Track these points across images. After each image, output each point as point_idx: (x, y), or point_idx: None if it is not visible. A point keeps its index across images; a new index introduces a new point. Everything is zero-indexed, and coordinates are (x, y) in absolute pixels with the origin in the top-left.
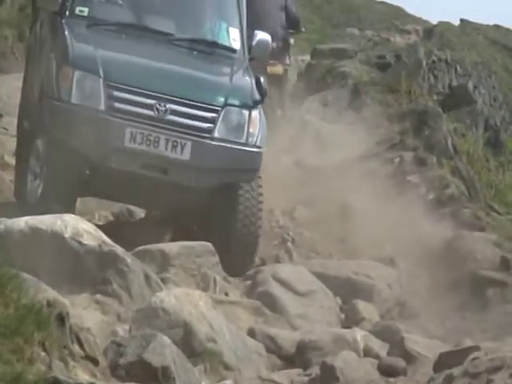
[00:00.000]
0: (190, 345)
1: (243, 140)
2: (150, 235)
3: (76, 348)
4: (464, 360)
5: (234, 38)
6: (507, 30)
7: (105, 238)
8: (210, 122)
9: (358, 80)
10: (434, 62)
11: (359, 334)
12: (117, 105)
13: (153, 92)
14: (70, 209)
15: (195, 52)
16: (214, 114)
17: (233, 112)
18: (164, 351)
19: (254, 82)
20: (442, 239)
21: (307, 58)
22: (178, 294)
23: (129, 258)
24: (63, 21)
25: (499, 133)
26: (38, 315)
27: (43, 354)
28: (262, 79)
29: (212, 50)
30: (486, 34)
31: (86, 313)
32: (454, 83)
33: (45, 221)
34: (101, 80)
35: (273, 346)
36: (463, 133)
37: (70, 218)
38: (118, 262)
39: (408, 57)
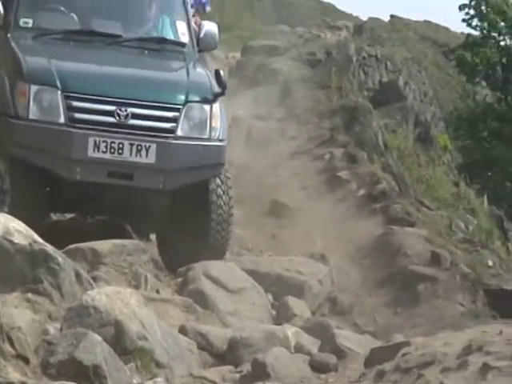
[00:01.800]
0: (121, 343)
1: (206, 135)
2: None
3: (7, 347)
4: (395, 355)
5: (181, 31)
6: (437, 25)
7: (36, 237)
8: (173, 122)
9: (288, 77)
10: (364, 58)
11: (290, 331)
12: (77, 115)
13: (112, 98)
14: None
15: (146, 51)
16: (175, 113)
17: (194, 108)
18: (95, 349)
19: (210, 75)
20: (372, 235)
21: (238, 54)
22: (109, 293)
23: (60, 256)
24: (8, 35)
25: (429, 128)
26: None
27: None
28: (221, 72)
29: (162, 47)
30: (416, 29)
31: (16, 311)
32: (385, 79)
33: None
34: (59, 92)
35: (204, 343)
36: (394, 129)
37: (0, 217)
38: (48, 260)
39: (338, 53)
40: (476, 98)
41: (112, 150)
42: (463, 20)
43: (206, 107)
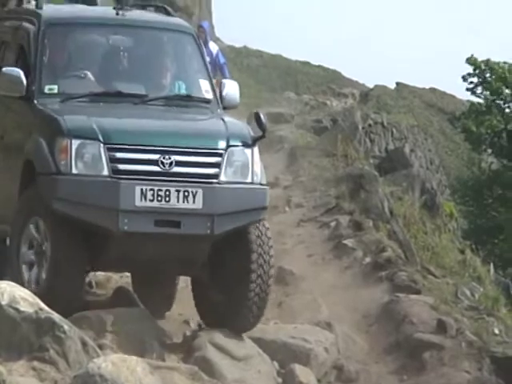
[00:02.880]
0: None
1: (249, 179)
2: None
3: None
4: None
5: (205, 89)
6: (443, 93)
7: (42, 304)
8: (216, 167)
9: (294, 144)
10: (370, 125)
11: None
12: (121, 166)
13: (155, 147)
14: (80, 289)
15: (174, 107)
16: (218, 158)
17: (236, 153)
18: None
19: (244, 122)
20: (378, 303)
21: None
22: (115, 360)
23: (66, 324)
24: (35, 101)
25: (435, 196)
26: None
27: None
28: (261, 114)
29: (188, 104)
30: (421, 97)
31: (23, 380)
32: (391, 146)
33: None
34: (101, 144)
35: None
36: (400, 196)
37: (6, 285)
38: (55, 328)
39: (344, 120)
40: (481, 166)
41: (159, 198)
42: (467, 89)
43: (247, 151)
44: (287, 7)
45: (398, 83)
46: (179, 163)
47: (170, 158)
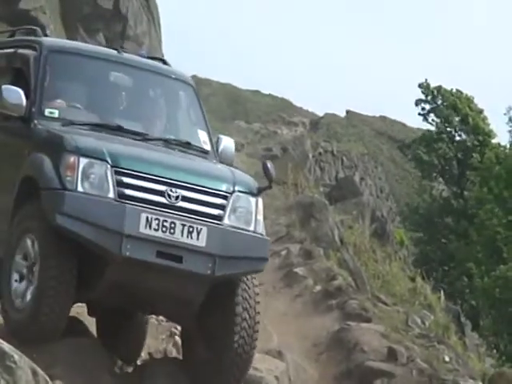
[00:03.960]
0: None
1: (252, 228)
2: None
3: None
4: None
5: (203, 140)
6: (393, 121)
7: None
8: (220, 209)
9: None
10: (320, 153)
11: None
12: (127, 191)
13: (162, 178)
14: (65, 316)
15: (177, 150)
16: (223, 201)
17: (241, 198)
18: None
19: (243, 172)
20: (329, 331)
21: None
22: None
23: (16, 354)
24: (35, 121)
25: (386, 224)
26: None
27: None
28: (269, 164)
29: (187, 150)
30: (372, 125)
31: None
32: (341, 175)
33: None
34: (108, 166)
35: None
36: (350, 224)
37: None
38: (5, 358)
39: (294, 149)
40: (432, 193)
41: (164, 229)
42: (419, 114)
43: (252, 200)
44: (236, 36)
45: (347, 111)
46: (185, 198)
47: (176, 192)
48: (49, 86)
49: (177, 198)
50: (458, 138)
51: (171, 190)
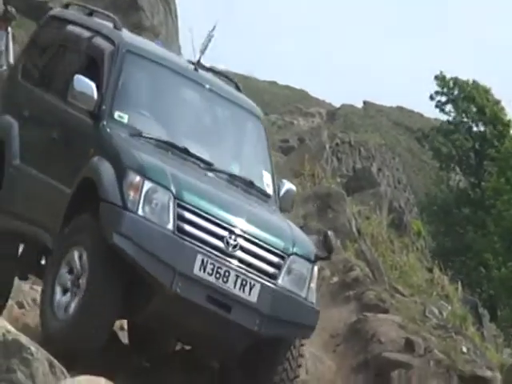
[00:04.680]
0: None
1: (304, 294)
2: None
3: None
4: None
5: (267, 183)
6: (410, 111)
7: (9, 326)
8: (276, 268)
9: None
10: (337, 144)
11: None
12: (186, 227)
13: (225, 223)
14: (106, 331)
15: (239, 189)
16: (280, 260)
17: (297, 262)
18: None
19: (302, 232)
20: (346, 322)
21: None
22: (84, 381)
23: (33, 346)
24: (104, 123)
25: (403, 214)
26: None
27: None
28: (330, 234)
29: (249, 191)
30: (389, 115)
31: None
32: (358, 166)
33: None
34: (172, 196)
35: None
36: (367, 215)
37: None
38: (22, 350)
39: (311, 140)
40: (449, 184)
41: (217, 275)
42: (436, 106)
43: (308, 266)
44: (254, 26)
45: (365, 102)
46: (243, 249)
47: (236, 241)
48: (122, 88)
49: (235, 246)
50: (475, 129)
51: (231, 238)
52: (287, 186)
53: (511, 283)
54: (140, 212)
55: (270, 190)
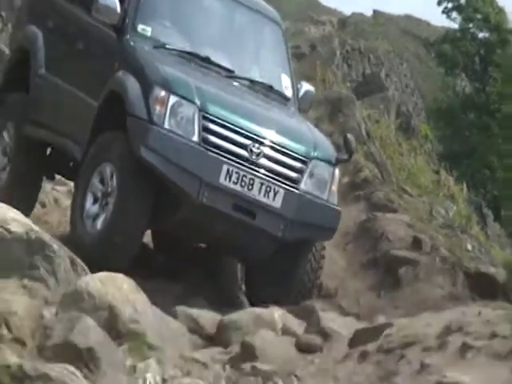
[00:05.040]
0: (114, 326)
1: (326, 197)
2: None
3: (4, 331)
4: (378, 336)
5: (286, 85)
6: (418, 20)
7: (32, 225)
8: (299, 173)
9: None
10: (347, 51)
11: (277, 313)
12: (211, 138)
13: (248, 132)
14: (137, 243)
15: (260, 94)
16: (302, 165)
17: (319, 166)
18: (89, 333)
19: (322, 134)
20: (356, 221)
21: None
22: (103, 278)
23: (55, 244)
24: (127, 37)
25: (411, 118)
26: None
27: None
28: (349, 136)
29: (269, 94)
30: (397, 24)
31: (13, 297)
32: (368, 71)
33: None
34: (197, 109)
35: (195, 326)
36: (376, 119)
37: None
38: (45, 248)
39: (322, 47)
40: (456, 90)
41: (243, 184)
42: (443, 12)
43: (330, 169)
44: None
45: (374, 11)
46: (267, 156)
47: (259, 149)
48: (144, 1)
49: (258, 154)
50: (480, 36)
51: (254, 146)
52: (306, 87)
53: None
54: (166, 125)
55: (289, 93)
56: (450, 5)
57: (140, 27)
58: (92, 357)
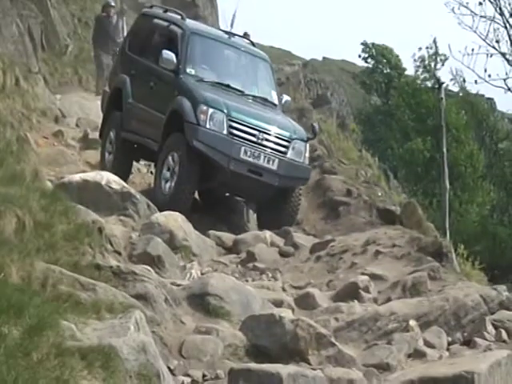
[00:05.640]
0: (172, 243)
1: (302, 160)
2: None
3: (109, 246)
4: (326, 247)
5: (274, 97)
6: (350, 62)
7: (124, 184)
8: (286, 148)
9: None
10: (307, 81)
11: (268, 234)
12: (235, 131)
13: (256, 126)
14: (191, 198)
15: (259, 104)
16: (287, 143)
17: (297, 143)
18: (158, 247)
19: (297, 124)
20: (313, 180)
21: None
22: (166, 214)
23: (138, 194)
24: (181, 76)
25: (345, 120)
26: (87, 228)
27: (90, 250)
28: (316, 125)
29: (265, 103)
30: (337, 64)
31: (114, 226)
32: (320, 92)
33: (90, 175)
34: (225, 115)
35: (220, 242)
36: (324, 120)
37: (105, 173)
38: (132, 197)
39: (293, 78)
40: (371, 103)
41: (253, 156)
42: (363, 59)
43: (304, 144)
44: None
45: (323, 57)
46: (267, 140)
47: (262, 136)
48: (189, 54)
49: (262, 139)
50: (385, 71)
51: (260, 134)
52: (286, 98)
53: (405, 157)
54: (207, 126)
55: (276, 102)
56: (366, 55)
57: (188, 70)
58: (160, 260)
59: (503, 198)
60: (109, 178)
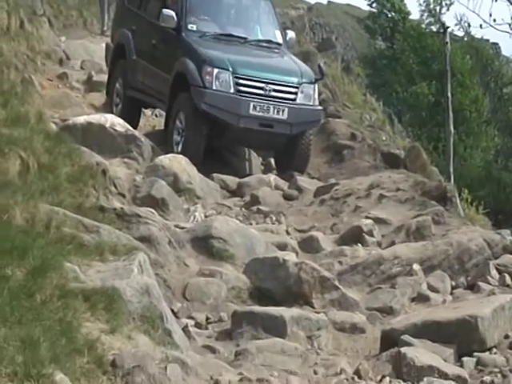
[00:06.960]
0: (176, 185)
1: (312, 103)
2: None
3: (113, 188)
4: (330, 190)
5: (278, 37)
6: (355, 6)
7: (129, 126)
8: (294, 94)
9: None
10: (313, 25)
11: (272, 177)
12: (241, 88)
13: (261, 79)
14: (202, 152)
15: (264, 48)
16: (296, 89)
17: (306, 87)
18: (162, 189)
19: (305, 65)
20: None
21: None
22: (170, 157)
23: (142, 137)
24: (183, 34)
25: (350, 64)
26: (91, 170)
27: (94, 192)
28: (322, 64)
29: (269, 45)
30: (342, 8)
31: (118, 169)
32: (324, 36)
33: (95, 117)
34: (230, 73)
35: (224, 185)
36: (329, 64)
37: (109, 116)
38: (136, 140)
39: (298, 22)
40: (375, 47)
41: (263, 111)
42: (368, 4)
43: (312, 86)
44: None
45: (328, 1)
46: (275, 90)
47: (269, 87)
48: (189, 9)
49: (270, 90)
50: (389, 15)
51: (267, 86)
52: (290, 34)
53: (410, 101)
54: (214, 87)
55: (281, 40)
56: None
57: (189, 26)
58: (164, 203)
59: (507, 143)
60: (113, 121)
